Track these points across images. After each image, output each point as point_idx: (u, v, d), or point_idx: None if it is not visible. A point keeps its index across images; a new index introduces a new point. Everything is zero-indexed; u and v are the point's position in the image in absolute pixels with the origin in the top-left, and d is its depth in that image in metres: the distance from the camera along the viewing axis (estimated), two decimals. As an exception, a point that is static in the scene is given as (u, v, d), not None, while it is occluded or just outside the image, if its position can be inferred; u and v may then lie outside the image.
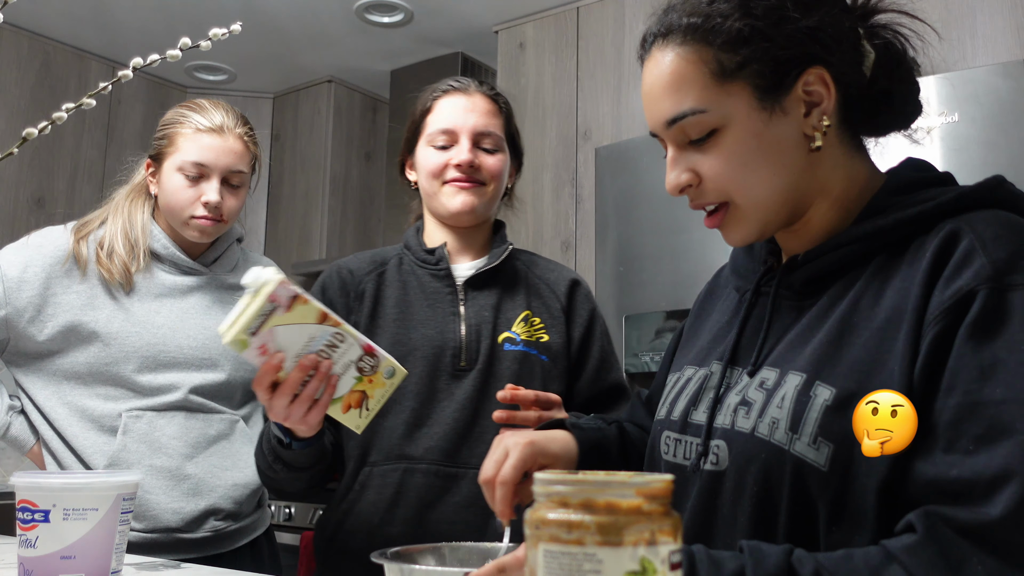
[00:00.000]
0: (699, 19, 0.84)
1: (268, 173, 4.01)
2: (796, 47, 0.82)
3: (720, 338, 0.95)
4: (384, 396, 1.13)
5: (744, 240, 0.89)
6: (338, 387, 1.10)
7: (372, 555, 0.89)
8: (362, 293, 1.40)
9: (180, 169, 1.59)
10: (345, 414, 1.12)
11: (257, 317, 1.02)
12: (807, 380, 0.79)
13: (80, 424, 1.55)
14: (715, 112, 0.83)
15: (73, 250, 1.58)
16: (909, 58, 0.88)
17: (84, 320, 1.55)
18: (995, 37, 2.33)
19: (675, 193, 0.88)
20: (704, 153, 0.85)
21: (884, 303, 0.78)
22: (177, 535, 1.54)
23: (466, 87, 1.43)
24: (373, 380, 1.11)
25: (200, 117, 1.61)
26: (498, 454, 0.94)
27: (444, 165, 1.39)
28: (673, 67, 0.85)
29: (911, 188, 0.84)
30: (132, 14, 3.37)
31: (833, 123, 0.85)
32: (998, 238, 0.75)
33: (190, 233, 1.62)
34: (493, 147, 1.42)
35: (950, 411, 0.71)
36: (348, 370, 1.10)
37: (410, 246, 1.46)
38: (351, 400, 1.12)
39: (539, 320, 1.41)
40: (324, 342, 1.07)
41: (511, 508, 0.92)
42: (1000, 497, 0.66)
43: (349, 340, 1.08)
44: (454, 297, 1.39)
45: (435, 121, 1.41)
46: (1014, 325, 0.71)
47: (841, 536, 0.75)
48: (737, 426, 0.83)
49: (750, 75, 0.82)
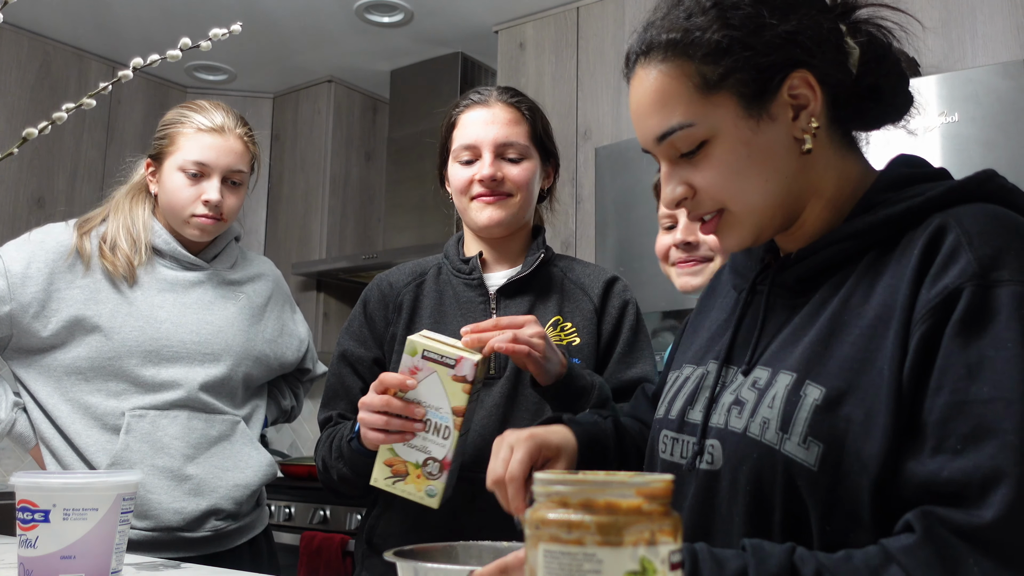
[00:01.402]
0: (678, 34, 0.84)
1: (268, 173, 4.01)
2: (777, 53, 0.82)
3: (717, 337, 0.96)
4: (405, 494, 1.16)
5: (739, 245, 0.89)
6: (403, 449, 1.15)
7: (385, 553, 0.90)
8: (400, 304, 1.43)
9: (181, 168, 1.60)
10: (380, 463, 1.17)
11: (441, 355, 1.12)
12: (797, 380, 0.79)
13: (83, 422, 1.55)
14: (702, 125, 0.83)
15: (76, 245, 1.59)
16: (894, 50, 0.88)
17: (88, 314, 1.56)
18: (995, 37, 2.33)
19: (672, 207, 0.89)
20: (696, 166, 0.85)
21: (874, 300, 0.78)
22: (178, 534, 1.55)
23: (486, 99, 1.44)
24: (419, 479, 1.15)
25: (201, 117, 1.62)
26: (503, 453, 0.97)
27: (470, 181, 1.41)
28: (657, 84, 0.85)
29: (902, 184, 0.84)
30: (132, 14, 3.37)
31: (822, 124, 0.85)
32: (984, 233, 0.74)
33: (190, 231, 1.63)
34: (518, 156, 1.42)
35: (939, 410, 0.71)
36: (419, 452, 1.15)
37: (448, 256, 1.48)
38: (395, 463, 1.17)
39: (570, 324, 1.42)
40: (437, 419, 1.14)
41: (525, 503, 0.94)
42: (992, 499, 0.66)
43: (446, 443, 1.13)
44: (486, 306, 1.41)
45: (459, 137, 1.43)
46: (1000, 322, 0.71)
47: (836, 534, 0.75)
48: (730, 425, 0.84)
49: (733, 85, 0.83)
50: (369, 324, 1.44)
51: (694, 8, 0.85)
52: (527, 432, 0.98)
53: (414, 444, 1.14)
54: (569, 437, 1.04)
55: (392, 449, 1.15)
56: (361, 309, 1.47)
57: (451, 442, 1.13)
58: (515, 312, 1.40)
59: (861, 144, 0.92)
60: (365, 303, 1.46)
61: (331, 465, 1.34)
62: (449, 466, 1.14)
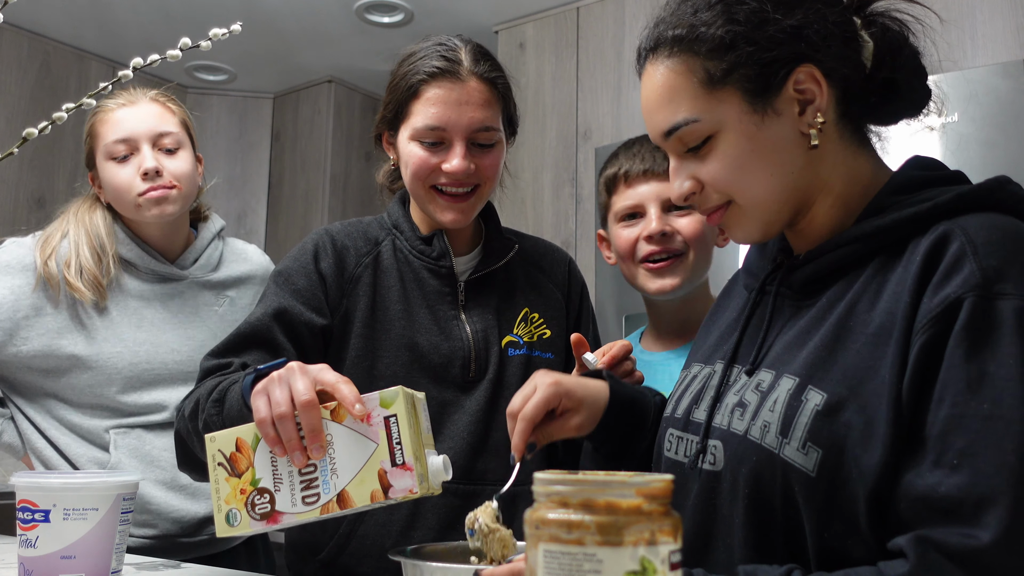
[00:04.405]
0: (684, 30, 0.85)
1: (268, 173, 4.01)
2: (781, 48, 0.82)
3: (726, 336, 0.96)
4: (215, 495, 0.93)
5: (748, 238, 0.89)
6: (264, 454, 0.92)
7: (390, 553, 0.90)
8: (357, 279, 1.24)
9: (109, 155, 1.54)
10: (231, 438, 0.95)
11: (406, 453, 0.88)
12: (799, 384, 0.79)
13: (69, 436, 1.53)
14: (707, 120, 0.84)
15: (43, 272, 1.49)
16: (911, 44, 0.87)
17: (61, 343, 1.49)
18: (995, 37, 2.33)
19: (681, 201, 0.90)
20: (702, 160, 0.86)
21: (879, 308, 0.78)
22: (177, 540, 1.54)
23: (456, 70, 1.21)
24: (242, 495, 0.92)
25: (109, 100, 1.57)
26: (527, 389, 0.96)
27: (433, 169, 1.21)
28: (664, 80, 0.86)
29: (914, 187, 0.83)
30: (132, 14, 3.37)
31: (830, 119, 0.85)
32: (990, 243, 0.73)
33: (150, 214, 1.52)
34: (490, 142, 1.24)
35: (939, 423, 0.70)
36: (270, 475, 0.92)
37: (401, 229, 1.30)
38: (242, 460, 0.93)
39: (537, 315, 1.33)
40: (321, 479, 0.90)
41: (524, 445, 0.94)
42: (988, 520, 0.65)
43: (295, 505, 0.91)
44: (454, 298, 1.27)
45: (422, 112, 1.20)
46: (1003, 337, 0.69)
47: (833, 540, 0.74)
48: (732, 427, 0.83)
49: (738, 80, 0.83)
50: (322, 285, 1.22)
51: (701, 4, 0.85)
52: (554, 377, 0.97)
53: (277, 462, 0.91)
54: (601, 394, 1.01)
55: (257, 437, 0.92)
56: (312, 265, 1.23)
57: (298, 511, 0.90)
58: (484, 305, 1.28)
59: (875, 143, 0.91)
60: (316, 258, 1.24)
61: (202, 408, 1.06)
62: (274, 522, 0.91)
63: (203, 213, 1.71)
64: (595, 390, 1.01)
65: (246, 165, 4.02)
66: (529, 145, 3.12)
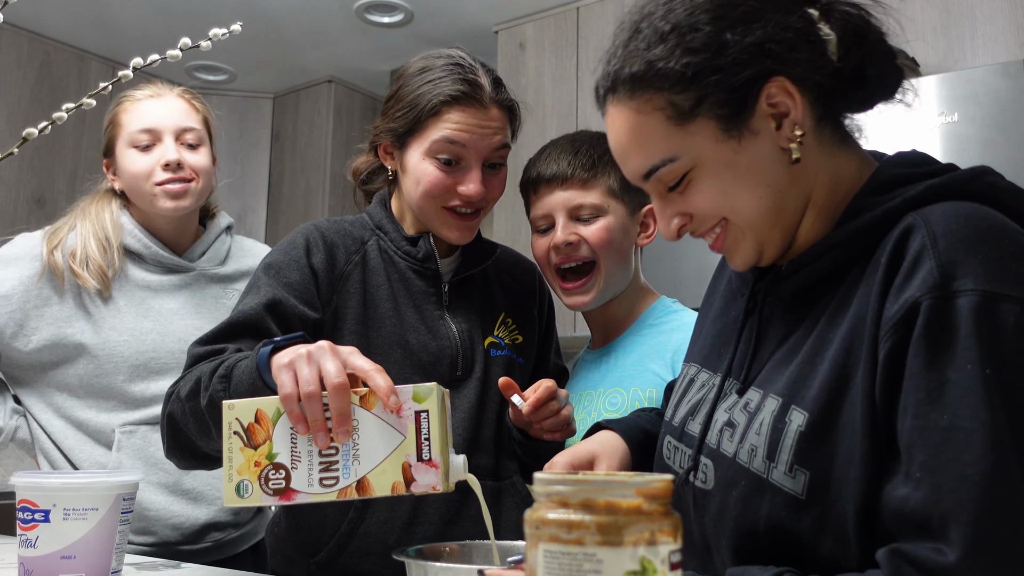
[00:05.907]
0: (641, 67, 0.80)
1: (268, 173, 4.01)
2: (746, 68, 0.78)
3: (719, 344, 0.95)
4: (226, 467, 0.91)
5: (746, 263, 0.86)
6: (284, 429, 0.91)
7: (394, 553, 0.90)
8: (346, 277, 1.25)
9: (132, 143, 1.56)
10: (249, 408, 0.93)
11: (432, 450, 0.88)
12: (783, 404, 0.78)
13: (76, 437, 1.53)
14: (685, 156, 0.81)
15: (48, 261, 1.52)
16: (874, 26, 0.83)
17: (68, 332, 1.51)
18: (995, 37, 2.33)
19: (674, 239, 0.87)
20: (685, 195, 0.83)
21: (849, 314, 0.76)
22: (176, 547, 1.53)
23: (480, 95, 1.22)
24: (256, 467, 0.91)
25: (136, 91, 1.60)
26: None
27: (447, 189, 1.22)
28: (631, 122, 0.82)
29: (894, 185, 0.79)
30: (132, 14, 3.37)
31: (808, 128, 0.81)
32: (950, 234, 0.70)
33: (164, 205, 1.55)
34: (503, 160, 1.27)
35: (905, 435, 0.69)
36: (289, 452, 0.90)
37: (385, 230, 1.31)
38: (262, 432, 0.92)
39: (511, 320, 1.35)
40: (342, 461, 0.89)
41: None
42: (954, 536, 0.64)
43: (311, 487, 0.89)
44: (439, 299, 1.29)
45: (442, 132, 1.21)
46: (961, 340, 0.67)
47: (825, 559, 0.74)
48: (722, 448, 0.83)
49: (709, 109, 0.79)
50: (314, 280, 1.22)
51: (652, 37, 0.81)
52: (562, 458, 0.96)
53: (296, 439, 0.90)
54: (617, 446, 1.01)
55: (279, 412, 0.90)
56: (304, 259, 1.23)
57: (314, 491, 0.89)
58: (466, 305, 1.30)
59: (856, 137, 0.87)
60: (308, 252, 1.23)
61: (205, 386, 1.04)
62: (287, 499, 0.90)
63: (212, 210, 1.73)
64: (610, 446, 1.00)
65: (246, 165, 4.02)
66: (529, 145, 3.10)
